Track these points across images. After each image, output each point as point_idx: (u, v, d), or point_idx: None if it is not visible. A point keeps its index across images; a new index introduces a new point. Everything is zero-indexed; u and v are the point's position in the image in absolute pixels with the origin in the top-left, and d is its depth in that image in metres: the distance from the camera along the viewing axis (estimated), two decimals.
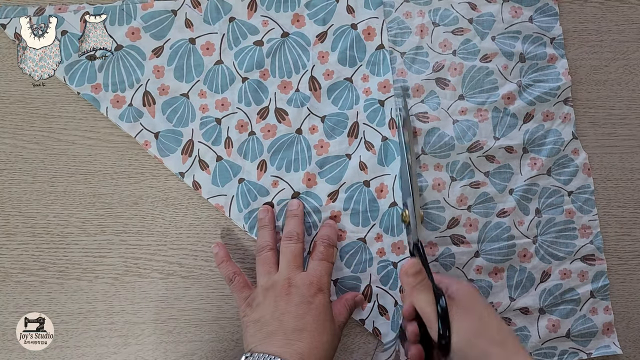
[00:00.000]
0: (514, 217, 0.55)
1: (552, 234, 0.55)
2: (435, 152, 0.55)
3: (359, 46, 0.56)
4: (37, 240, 0.52)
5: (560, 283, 0.55)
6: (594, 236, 0.56)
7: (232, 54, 0.55)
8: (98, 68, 0.53)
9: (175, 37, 0.54)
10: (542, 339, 0.54)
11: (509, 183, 0.55)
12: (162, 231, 0.53)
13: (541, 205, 0.55)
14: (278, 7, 0.56)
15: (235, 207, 0.53)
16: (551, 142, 0.56)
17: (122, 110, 0.53)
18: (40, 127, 0.54)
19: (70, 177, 0.53)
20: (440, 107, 0.55)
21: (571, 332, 0.54)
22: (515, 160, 0.55)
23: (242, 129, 0.54)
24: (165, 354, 0.52)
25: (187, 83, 0.54)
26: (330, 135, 0.55)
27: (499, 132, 0.55)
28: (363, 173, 0.54)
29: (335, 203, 0.54)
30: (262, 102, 0.55)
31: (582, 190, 0.56)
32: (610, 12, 0.60)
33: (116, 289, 0.52)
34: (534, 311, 0.54)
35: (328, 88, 0.55)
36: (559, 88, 0.56)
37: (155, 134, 0.53)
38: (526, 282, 0.54)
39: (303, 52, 0.55)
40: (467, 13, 0.57)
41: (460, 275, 0.54)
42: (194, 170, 0.53)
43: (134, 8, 0.54)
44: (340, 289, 0.53)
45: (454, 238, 0.54)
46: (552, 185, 0.56)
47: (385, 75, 0.55)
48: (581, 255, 0.55)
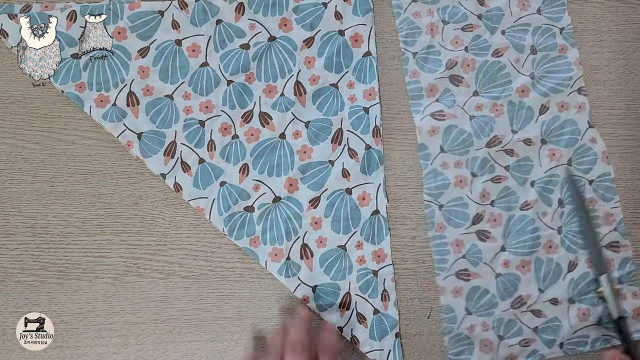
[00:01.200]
0: (537, 209, 0.55)
1: (577, 224, 0.55)
2: (454, 149, 0.55)
3: (345, 52, 0.56)
4: (37, 240, 0.52)
5: (588, 272, 0.55)
6: (617, 223, 0.56)
7: (218, 57, 0.55)
8: (83, 67, 0.53)
9: (161, 38, 0.54)
10: (573, 328, 0.54)
11: (530, 175, 0.55)
12: (162, 231, 0.53)
13: (563, 196, 0.55)
14: (266, 11, 0.55)
15: (215, 210, 0.53)
16: (568, 132, 0.56)
17: (105, 110, 0.53)
18: (40, 127, 0.54)
19: (70, 177, 0.53)
20: (456, 104, 0.56)
21: (602, 319, 0.54)
22: (534, 153, 0.56)
23: (226, 132, 0.54)
24: (165, 354, 0.52)
25: (172, 84, 0.54)
26: (314, 141, 0.54)
27: (516, 126, 0.56)
28: (345, 180, 0.54)
29: (316, 209, 0.53)
30: (247, 105, 0.54)
31: (602, 178, 0.56)
32: (610, 12, 0.60)
33: (116, 289, 0.52)
34: (564, 301, 0.54)
35: (313, 93, 0.55)
36: (571, 78, 0.56)
37: (138, 134, 0.53)
38: (554, 273, 0.54)
39: (289, 57, 0.55)
40: (476, 9, 0.57)
41: (487, 270, 0.54)
42: (176, 172, 0.53)
43: (121, 8, 0.54)
44: (319, 295, 0.52)
45: (479, 234, 0.54)
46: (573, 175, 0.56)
47: (371, 83, 0.55)
48: (606, 243, 0.55)
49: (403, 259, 0.54)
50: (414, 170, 0.56)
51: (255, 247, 0.53)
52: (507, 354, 0.53)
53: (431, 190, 0.55)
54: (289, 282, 0.52)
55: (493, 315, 0.53)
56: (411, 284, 0.54)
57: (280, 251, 0.52)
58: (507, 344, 0.53)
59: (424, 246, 0.55)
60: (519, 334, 0.53)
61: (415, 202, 0.55)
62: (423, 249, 0.55)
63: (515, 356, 0.53)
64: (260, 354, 0.48)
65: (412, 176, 0.56)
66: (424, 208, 0.55)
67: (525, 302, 0.54)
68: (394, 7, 0.57)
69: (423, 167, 0.55)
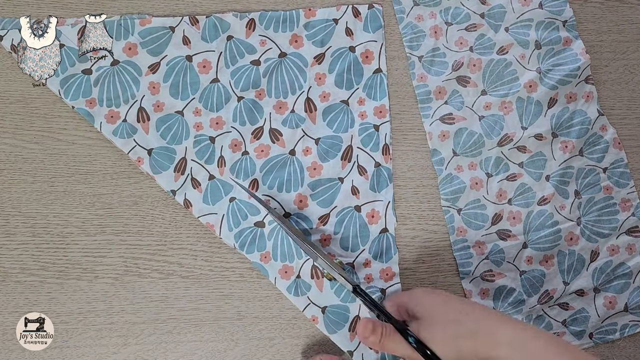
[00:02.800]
0: (554, 203, 0.55)
1: (595, 213, 0.55)
2: (467, 151, 0.55)
3: (356, 69, 0.56)
4: (37, 240, 0.52)
5: (610, 260, 0.55)
6: (635, 208, 0.56)
7: (229, 73, 0.54)
8: (94, 83, 0.53)
9: (172, 53, 0.54)
10: (601, 318, 0.54)
11: (544, 170, 0.55)
12: (162, 231, 0.53)
13: (579, 187, 0.56)
14: (277, 27, 0.55)
15: (225, 225, 0.52)
16: (579, 122, 0.56)
17: (116, 126, 0.53)
18: (40, 127, 0.54)
19: (70, 177, 0.53)
20: (465, 105, 0.56)
21: (629, 305, 0.55)
22: (546, 147, 0.56)
23: (236, 148, 0.54)
24: (165, 354, 0.52)
25: (182, 100, 0.54)
26: (323, 157, 0.54)
27: (525, 122, 0.56)
28: (355, 198, 0.54)
29: (325, 226, 0.53)
30: (257, 122, 0.54)
31: (616, 164, 0.56)
32: (610, 12, 0.60)
33: (116, 289, 0.52)
34: (589, 291, 0.54)
35: (324, 110, 0.55)
36: (579, 68, 0.56)
37: (149, 150, 0.53)
38: (577, 264, 0.55)
39: (300, 73, 0.55)
40: (478, 8, 0.57)
41: (511, 268, 0.54)
42: (186, 189, 0.53)
43: (132, 23, 0.54)
44: (329, 317, 0.52)
45: (500, 233, 0.54)
46: (586, 165, 0.56)
47: (382, 100, 0.55)
48: (625, 229, 0.56)
49: (403, 259, 0.54)
50: (414, 170, 0.56)
51: (265, 262, 0.52)
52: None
53: (448, 195, 0.55)
54: (297, 301, 0.52)
55: (522, 313, 0.53)
56: (412, 285, 0.54)
57: (291, 269, 0.52)
58: None
59: (424, 246, 0.55)
60: (549, 329, 0.53)
61: (416, 202, 0.55)
62: (423, 249, 0.55)
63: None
64: None
65: (412, 176, 0.56)
66: (443, 214, 0.55)
67: (552, 297, 0.54)
68: (397, 12, 0.57)
69: (438, 173, 0.55)
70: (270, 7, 0.56)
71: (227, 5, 0.56)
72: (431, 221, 0.55)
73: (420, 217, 0.55)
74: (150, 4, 0.56)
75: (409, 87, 0.57)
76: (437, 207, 0.55)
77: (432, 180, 0.56)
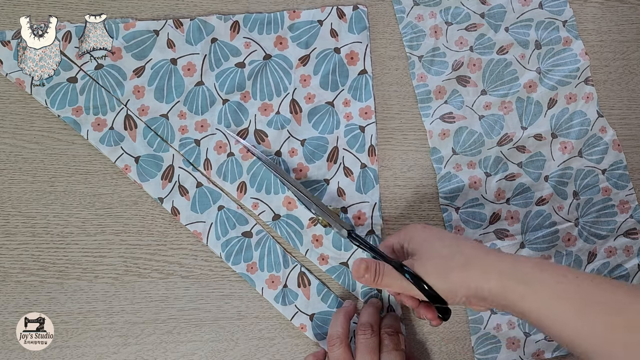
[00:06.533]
0: (553, 203, 0.55)
1: (593, 214, 0.55)
2: (466, 150, 0.55)
3: (341, 70, 0.56)
4: (37, 240, 0.52)
5: (608, 261, 0.55)
6: (633, 210, 0.56)
7: (214, 75, 0.54)
8: (80, 91, 0.53)
9: (156, 57, 0.54)
10: None
11: (543, 170, 0.56)
12: (162, 231, 0.53)
13: (578, 188, 0.56)
14: (261, 29, 0.55)
15: (213, 234, 0.52)
16: (578, 123, 0.56)
17: (102, 134, 0.53)
18: (40, 127, 0.54)
19: (70, 177, 0.53)
20: (465, 105, 0.56)
21: None
22: (545, 147, 0.56)
23: (221, 149, 0.53)
24: (165, 354, 0.52)
25: (167, 104, 0.54)
26: (309, 159, 0.54)
27: (525, 122, 0.56)
28: (341, 199, 0.54)
29: (316, 227, 0.53)
30: (242, 123, 0.54)
31: (615, 166, 0.56)
32: (610, 12, 0.60)
33: (116, 289, 0.52)
34: None
35: (309, 111, 0.55)
36: (578, 69, 0.56)
37: (136, 158, 0.53)
38: (574, 265, 0.55)
39: (285, 75, 0.55)
40: (478, 8, 0.57)
41: None
42: (174, 196, 0.53)
43: (116, 27, 0.54)
44: (317, 324, 0.51)
45: (497, 233, 0.54)
46: (585, 166, 0.56)
47: (367, 101, 0.55)
48: (623, 231, 0.56)
49: None
50: (414, 170, 0.56)
51: (252, 273, 0.52)
52: (534, 350, 0.53)
53: (446, 194, 0.55)
54: (285, 310, 0.52)
55: None
56: None
57: (277, 278, 0.52)
58: (533, 340, 0.53)
59: None
60: None
61: (415, 202, 0.55)
62: None
63: (542, 351, 0.53)
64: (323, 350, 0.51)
65: (412, 176, 0.56)
66: (441, 212, 0.55)
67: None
68: (397, 12, 0.57)
69: (437, 172, 0.55)
70: (255, 9, 0.56)
71: (227, 5, 0.56)
72: (431, 221, 0.55)
73: (420, 217, 0.55)
74: (150, 4, 0.56)
75: (409, 87, 0.57)
76: (437, 207, 0.55)
77: (433, 180, 0.56)
